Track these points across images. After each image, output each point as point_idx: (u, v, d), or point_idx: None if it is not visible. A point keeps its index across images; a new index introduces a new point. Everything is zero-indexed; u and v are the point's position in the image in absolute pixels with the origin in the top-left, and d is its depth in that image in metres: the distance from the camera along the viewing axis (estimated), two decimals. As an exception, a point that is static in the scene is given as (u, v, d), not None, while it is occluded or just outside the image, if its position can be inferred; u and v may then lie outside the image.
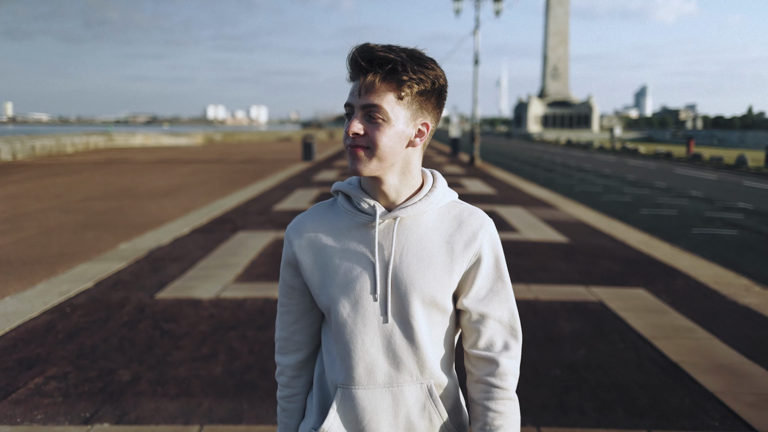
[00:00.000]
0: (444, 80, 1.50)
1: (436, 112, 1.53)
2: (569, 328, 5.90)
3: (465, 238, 1.54)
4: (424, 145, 1.55)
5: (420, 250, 1.53)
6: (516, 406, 1.56)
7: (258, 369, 4.84)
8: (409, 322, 1.51)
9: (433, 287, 1.51)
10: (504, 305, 1.57)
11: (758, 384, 4.73)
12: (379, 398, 1.53)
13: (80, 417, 4.06)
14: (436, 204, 1.56)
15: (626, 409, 4.26)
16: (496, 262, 1.57)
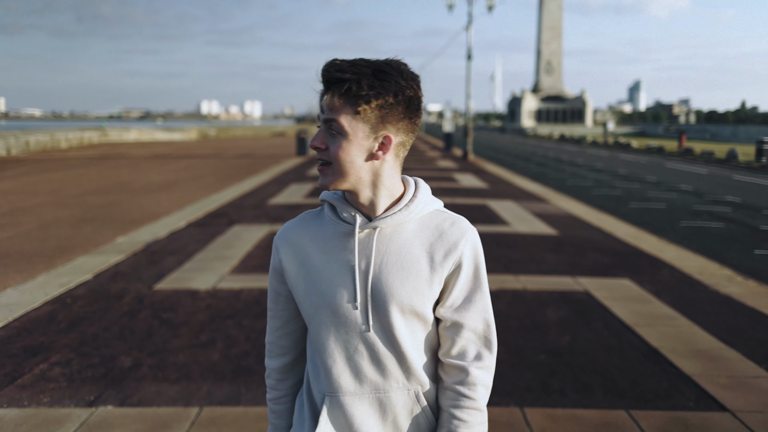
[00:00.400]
0: (413, 90, 1.49)
1: (403, 123, 1.51)
2: (555, 317, 6.11)
3: (445, 247, 1.55)
4: (396, 156, 1.54)
5: (400, 260, 1.54)
6: (482, 417, 1.57)
7: (255, 355, 5.04)
8: (391, 330, 1.53)
9: (412, 297, 1.53)
10: (479, 315, 1.57)
11: (733, 367, 4.94)
12: (366, 405, 1.56)
13: (85, 400, 4.25)
14: (417, 214, 1.56)
15: (606, 391, 4.48)
16: (475, 271, 1.58)
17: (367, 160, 1.50)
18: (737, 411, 4.19)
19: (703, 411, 4.19)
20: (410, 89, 1.48)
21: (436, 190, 8.98)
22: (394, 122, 1.49)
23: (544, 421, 4.00)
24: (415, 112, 1.52)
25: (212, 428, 3.87)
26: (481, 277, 1.59)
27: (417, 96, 1.51)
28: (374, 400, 1.55)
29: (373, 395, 1.55)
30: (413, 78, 1.50)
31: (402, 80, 1.47)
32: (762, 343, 5.53)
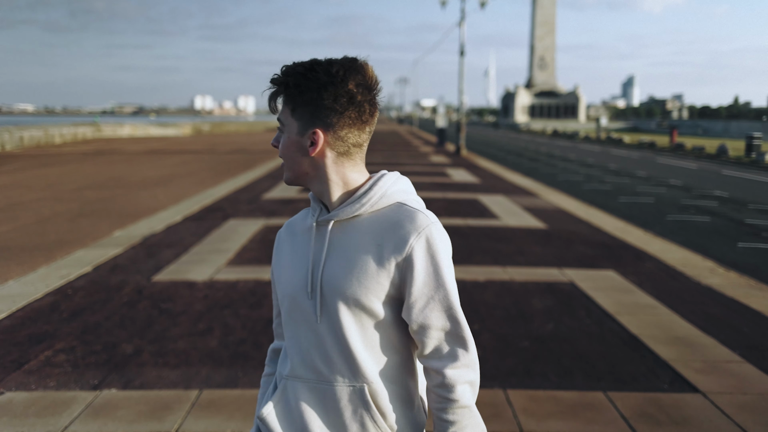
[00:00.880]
0: (342, 87, 1.51)
1: (336, 118, 1.54)
2: (540, 306, 6.35)
3: (395, 242, 1.52)
4: (338, 151, 1.57)
5: (349, 253, 1.54)
6: (469, 413, 1.54)
7: (251, 342, 5.25)
8: (338, 323, 1.54)
9: (357, 290, 1.52)
10: (443, 314, 1.53)
11: (708, 353, 5.18)
12: (313, 393, 1.58)
13: (89, 384, 4.46)
14: (371, 206, 1.55)
15: (586, 374, 4.71)
16: (434, 269, 1.52)
17: (304, 155, 1.56)
18: (709, 392, 4.43)
19: (677, 393, 4.43)
20: (339, 86, 1.51)
21: (428, 185, 9.39)
22: (323, 118, 1.53)
23: (526, 402, 4.23)
24: (349, 107, 1.53)
25: (211, 409, 4.09)
26: (441, 273, 1.53)
27: (348, 91, 1.52)
28: (319, 390, 1.57)
29: (319, 385, 1.57)
30: (346, 75, 1.52)
31: (329, 78, 1.50)
32: (737, 330, 5.78)
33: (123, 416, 3.98)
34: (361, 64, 1.54)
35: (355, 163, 1.60)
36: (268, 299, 6.43)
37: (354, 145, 1.58)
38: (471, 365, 1.54)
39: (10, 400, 4.21)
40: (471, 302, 6.43)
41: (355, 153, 1.59)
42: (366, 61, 1.57)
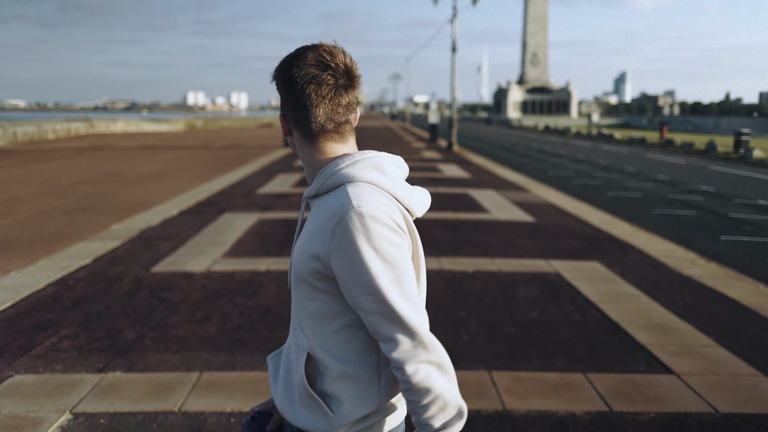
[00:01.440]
0: (295, 71, 1.58)
1: (291, 102, 1.62)
2: (526, 295, 6.60)
3: (325, 224, 1.55)
4: (301, 134, 1.66)
5: (307, 230, 1.63)
6: (431, 393, 1.51)
7: (248, 328, 5.48)
8: (295, 291, 1.68)
9: (300, 265, 1.61)
10: (370, 297, 1.51)
11: (684, 338, 5.44)
12: (288, 348, 1.74)
13: (95, 367, 4.68)
14: (322, 187, 1.61)
15: (567, 357, 4.96)
16: (355, 254, 1.50)
17: (285, 135, 1.71)
18: (682, 374, 4.68)
19: (652, 374, 4.69)
20: (292, 70, 1.58)
21: (420, 180, 9.74)
22: (284, 102, 1.64)
23: (509, 382, 4.48)
24: (293, 89, 1.59)
25: (212, 389, 4.32)
26: (362, 257, 1.50)
27: (289, 76, 1.60)
28: (289, 346, 1.73)
29: (290, 342, 1.72)
30: (298, 60, 1.59)
31: (286, 64, 1.60)
32: (713, 317, 6.04)
33: (128, 396, 4.21)
34: (302, 51, 1.60)
35: (320, 146, 1.65)
36: (263, 289, 6.65)
37: (313, 128, 1.62)
38: (415, 347, 1.51)
39: (20, 382, 4.43)
40: (459, 291, 6.67)
41: (319, 136, 1.63)
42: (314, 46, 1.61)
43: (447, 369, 1.54)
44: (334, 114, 1.61)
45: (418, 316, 1.52)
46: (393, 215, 1.56)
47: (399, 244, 1.54)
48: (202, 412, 4.00)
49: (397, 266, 1.52)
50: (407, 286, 1.53)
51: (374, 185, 1.59)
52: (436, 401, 1.51)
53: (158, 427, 3.82)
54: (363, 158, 1.61)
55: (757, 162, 26.97)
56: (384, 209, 1.54)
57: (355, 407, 1.61)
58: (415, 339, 1.50)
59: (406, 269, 1.53)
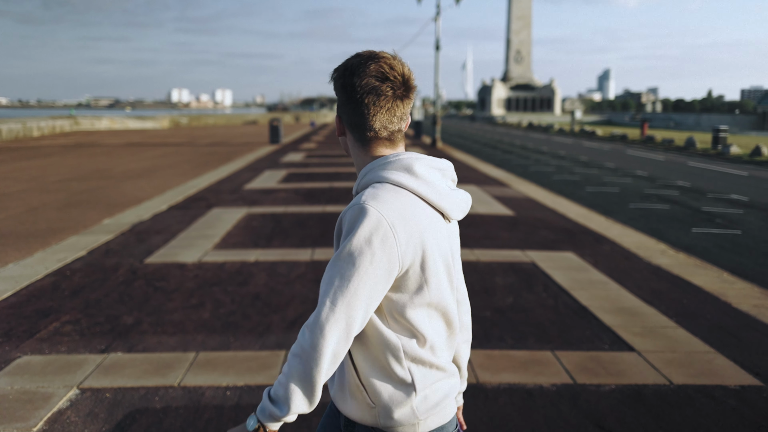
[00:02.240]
0: (346, 79, 1.68)
1: (347, 108, 1.71)
2: (503, 282, 6.98)
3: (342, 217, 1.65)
4: (354, 136, 1.75)
5: None
6: (286, 367, 1.59)
7: (240, 314, 5.82)
8: None
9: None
10: (326, 276, 1.60)
11: (647, 320, 5.84)
12: None
13: (97, 348, 5.01)
14: (359, 186, 1.72)
15: (537, 337, 5.35)
16: (345, 243, 1.59)
17: (339, 135, 1.82)
18: (642, 351, 5.08)
19: (615, 351, 5.08)
20: (353, 79, 1.67)
21: None
22: (341, 106, 1.73)
23: (483, 359, 4.86)
24: (352, 96, 1.68)
25: (208, 367, 4.66)
26: (343, 248, 1.58)
27: (350, 84, 1.68)
28: None
29: None
30: (360, 70, 1.66)
31: (348, 72, 1.69)
32: (677, 302, 6.45)
33: (130, 373, 4.54)
34: (364, 60, 1.68)
35: (371, 150, 1.74)
36: (253, 278, 6.99)
37: (368, 131, 1.71)
38: (311, 331, 1.56)
39: (27, 362, 4.75)
40: (440, 280, 7.03)
41: (372, 142, 1.73)
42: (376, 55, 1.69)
43: (310, 372, 1.56)
44: (389, 123, 1.69)
45: (334, 312, 1.55)
46: (397, 224, 1.59)
47: (374, 252, 1.56)
48: (199, 386, 4.34)
49: (355, 268, 1.55)
50: (351, 289, 1.55)
51: (400, 186, 1.64)
52: (283, 381, 1.58)
53: (160, 399, 4.16)
54: (395, 159, 1.68)
55: (734, 158, 27.57)
56: (389, 214, 1.58)
57: (397, 399, 1.66)
58: (315, 327, 1.55)
59: (361, 277, 1.56)
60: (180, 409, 4.02)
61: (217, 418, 3.92)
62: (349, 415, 1.72)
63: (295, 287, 6.68)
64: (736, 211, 13.16)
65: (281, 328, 5.48)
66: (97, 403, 4.11)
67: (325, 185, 15.13)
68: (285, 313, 5.85)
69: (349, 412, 1.72)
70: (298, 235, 9.26)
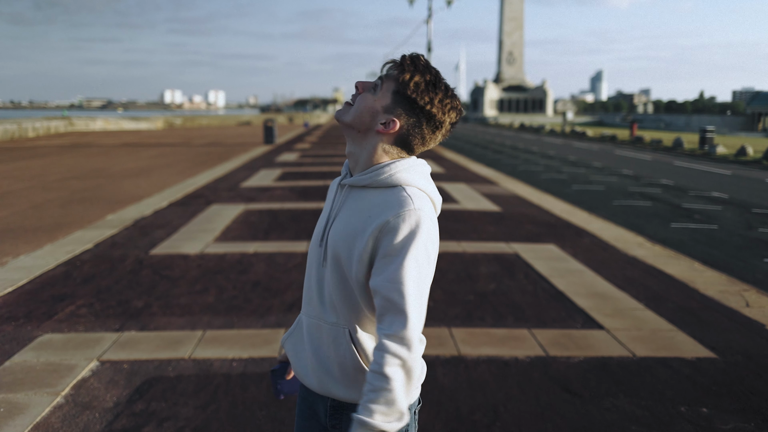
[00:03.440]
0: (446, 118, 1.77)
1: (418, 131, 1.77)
2: (486, 271, 7.47)
3: (380, 217, 1.67)
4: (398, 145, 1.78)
5: (350, 216, 1.74)
6: (386, 382, 1.59)
7: (242, 298, 6.29)
8: (330, 272, 1.77)
9: (342, 249, 1.73)
10: (392, 285, 1.62)
11: (618, 303, 6.33)
12: (312, 328, 1.83)
13: (112, 328, 5.46)
14: (375, 181, 1.73)
15: (516, 318, 5.83)
16: (399, 247, 1.64)
17: (371, 125, 1.79)
18: (611, 329, 5.57)
19: (586, 329, 5.57)
20: (444, 102, 1.77)
21: None
22: (408, 114, 1.76)
23: (465, 336, 5.34)
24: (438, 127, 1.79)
25: (215, 343, 5.12)
26: (404, 253, 1.63)
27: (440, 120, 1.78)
28: (315, 325, 1.82)
29: (315, 321, 1.82)
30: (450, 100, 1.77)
31: (436, 94, 1.76)
32: (648, 288, 6.94)
33: (145, 348, 5.00)
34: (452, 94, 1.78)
35: (399, 155, 1.80)
36: (253, 267, 7.46)
37: (416, 150, 1.81)
38: (404, 341, 1.61)
39: (49, 339, 5.20)
40: (428, 268, 7.52)
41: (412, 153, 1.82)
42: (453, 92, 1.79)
43: (412, 375, 1.64)
44: (434, 143, 1.82)
45: (419, 318, 1.64)
46: (435, 227, 1.74)
47: (433, 249, 1.71)
48: (208, 358, 4.81)
49: (424, 268, 1.67)
50: (423, 287, 1.67)
51: (423, 192, 1.75)
52: (388, 395, 1.60)
53: (173, 369, 4.62)
54: (416, 165, 1.78)
55: (720, 158, 28.16)
56: (433, 216, 1.74)
57: None
58: (406, 336, 1.61)
59: (428, 272, 1.69)
60: (191, 377, 4.49)
61: (225, 384, 4.38)
62: (343, 397, 1.78)
63: (292, 275, 7.15)
64: (714, 207, 13.68)
65: (281, 309, 5.95)
66: (116, 372, 4.57)
67: (319, 183, 15.59)
68: (284, 297, 6.32)
69: (343, 395, 1.78)
70: (294, 229, 9.73)
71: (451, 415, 3.99)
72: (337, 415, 1.80)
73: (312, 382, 1.83)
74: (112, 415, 3.95)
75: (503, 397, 4.24)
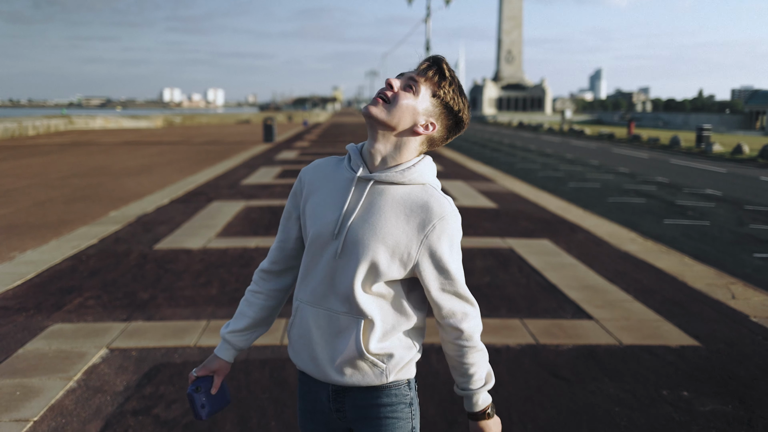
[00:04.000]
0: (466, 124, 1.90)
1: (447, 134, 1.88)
2: (481, 265, 7.68)
3: (422, 219, 1.75)
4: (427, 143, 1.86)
5: (381, 213, 1.77)
6: (483, 353, 1.89)
7: (244, 290, 6.48)
8: (352, 266, 1.78)
9: (377, 246, 1.76)
10: (457, 282, 1.83)
11: (608, 296, 6.55)
12: (319, 317, 1.85)
13: (120, 318, 5.68)
14: (408, 180, 1.79)
15: (509, 309, 6.05)
16: (447, 250, 1.79)
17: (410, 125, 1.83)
18: (600, 319, 5.79)
19: (575, 319, 5.79)
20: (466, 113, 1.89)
21: None
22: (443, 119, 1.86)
23: (459, 325, 5.54)
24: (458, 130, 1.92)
25: (218, 331, 5.31)
26: (452, 255, 1.80)
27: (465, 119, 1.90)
28: (324, 315, 1.84)
29: (325, 311, 1.84)
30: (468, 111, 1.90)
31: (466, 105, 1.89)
32: (638, 281, 7.16)
33: (152, 336, 5.22)
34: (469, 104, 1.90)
35: (422, 149, 1.88)
36: (255, 261, 7.67)
37: (438, 146, 1.91)
38: (477, 318, 1.87)
39: (60, 328, 5.41)
40: (424, 263, 7.73)
41: (433, 149, 1.91)
42: None
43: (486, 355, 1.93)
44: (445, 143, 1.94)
45: (475, 306, 1.89)
46: None
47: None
48: (213, 346, 5.02)
49: (460, 260, 1.87)
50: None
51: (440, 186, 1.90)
52: (484, 357, 1.90)
53: (179, 356, 4.84)
54: (432, 163, 1.89)
55: (716, 156, 28.39)
56: None
57: (403, 356, 1.86)
58: (475, 311, 1.87)
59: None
60: (197, 363, 4.70)
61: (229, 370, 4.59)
62: (346, 382, 1.85)
63: (292, 269, 7.35)
64: (708, 204, 13.90)
65: (281, 301, 6.15)
66: (125, 359, 4.79)
67: (318, 181, 15.76)
68: (284, 290, 6.52)
69: (347, 380, 1.85)
70: (294, 225, 9.92)
71: (444, 398, 4.20)
72: (340, 399, 1.88)
73: (313, 369, 1.88)
74: (123, 398, 4.17)
75: (494, 381, 4.46)
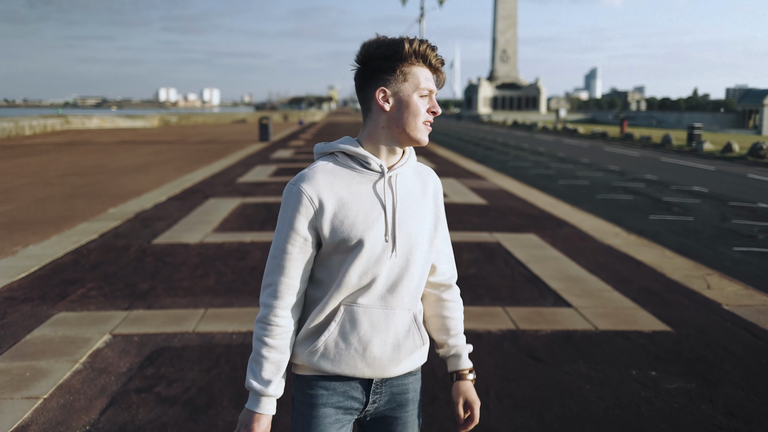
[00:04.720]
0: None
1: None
2: (468, 257, 7.98)
3: (432, 187, 1.94)
4: None
5: (412, 199, 1.87)
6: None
7: (240, 281, 6.79)
8: (410, 259, 1.84)
9: (425, 228, 1.88)
10: (449, 241, 2.03)
11: (588, 286, 6.85)
12: (375, 317, 1.82)
13: (121, 307, 5.96)
14: (413, 163, 1.93)
15: (492, 298, 6.35)
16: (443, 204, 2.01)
17: None
18: (578, 307, 6.09)
19: (555, 307, 6.09)
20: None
21: None
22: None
23: (444, 313, 5.84)
24: None
25: (216, 319, 5.62)
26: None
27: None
28: (382, 314, 1.83)
29: (382, 310, 1.83)
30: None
31: None
32: (618, 272, 7.46)
33: (152, 323, 5.51)
34: None
35: None
36: (250, 254, 7.96)
37: None
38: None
39: (64, 316, 5.69)
40: (414, 256, 8.03)
41: None
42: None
43: None
44: None
45: None
46: None
47: None
48: (210, 332, 5.31)
49: None
50: None
51: None
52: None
53: (179, 341, 5.13)
54: None
55: (707, 154, 28.73)
56: None
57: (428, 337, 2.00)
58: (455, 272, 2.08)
59: None
60: (196, 348, 5.00)
61: (226, 353, 4.89)
62: (403, 371, 1.92)
63: (286, 262, 7.63)
64: (693, 200, 14.22)
65: (276, 291, 6.44)
66: (127, 344, 5.07)
67: (313, 179, 16.04)
68: (278, 281, 6.81)
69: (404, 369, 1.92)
70: (288, 221, 10.20)
71: (427, 376, 4.48)
72: (378, 390, 1.91)
73: (364, 369, 1.85)
74: (127, 378, 4.45)
75: (475, 363, 4.74)
